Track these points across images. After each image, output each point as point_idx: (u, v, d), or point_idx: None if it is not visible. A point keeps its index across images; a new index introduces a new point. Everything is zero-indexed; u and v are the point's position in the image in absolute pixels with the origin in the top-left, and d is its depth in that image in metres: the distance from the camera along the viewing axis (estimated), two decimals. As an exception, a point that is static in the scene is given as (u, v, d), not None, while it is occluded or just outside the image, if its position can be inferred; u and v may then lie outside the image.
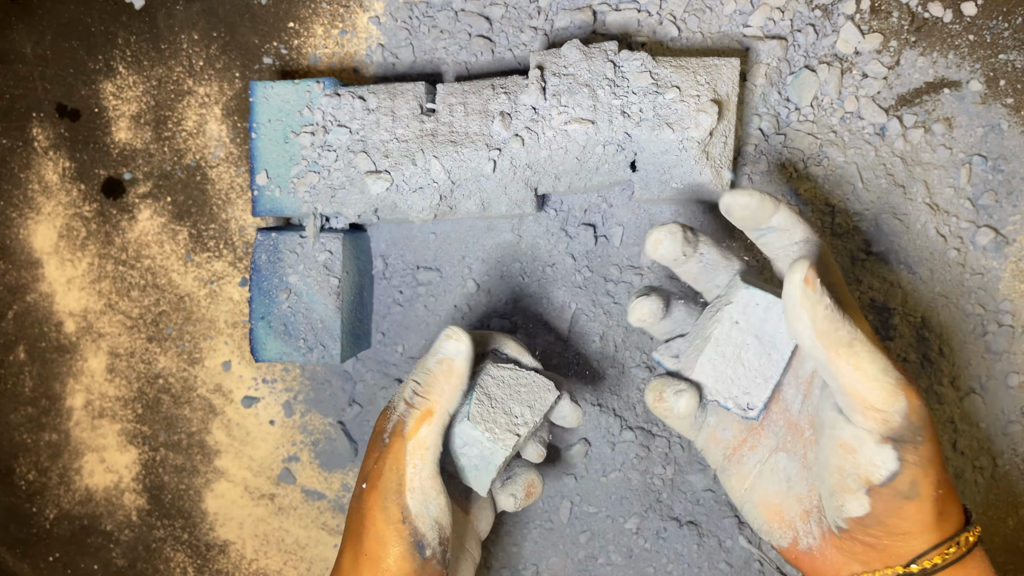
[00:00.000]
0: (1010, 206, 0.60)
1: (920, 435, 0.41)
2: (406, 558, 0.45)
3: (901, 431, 0.41)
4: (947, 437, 0.61)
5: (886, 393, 0.40)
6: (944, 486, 0.42)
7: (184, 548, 0.70)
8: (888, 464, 0.41)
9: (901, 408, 0.40)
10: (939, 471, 0.42)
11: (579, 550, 0.64)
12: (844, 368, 0.41)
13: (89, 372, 0.70)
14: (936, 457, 0.41)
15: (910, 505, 0.41)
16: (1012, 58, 0.60)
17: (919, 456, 0.41)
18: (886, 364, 0.41)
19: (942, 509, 0.42)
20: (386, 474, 0.46)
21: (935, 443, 0.42)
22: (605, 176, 0.56)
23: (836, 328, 0.41)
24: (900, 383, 0.41)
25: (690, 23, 0.60)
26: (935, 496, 0.41)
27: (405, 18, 0.64)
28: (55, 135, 0.68)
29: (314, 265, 0.59)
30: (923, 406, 0.41)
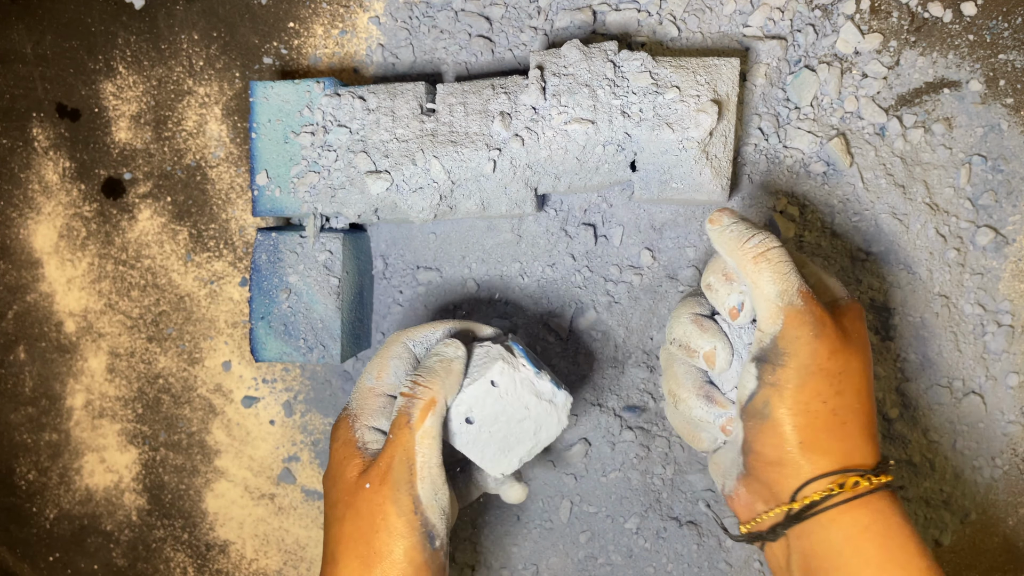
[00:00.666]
0: (1010, 206, 0.60)
1: (783, 358, 0.42)
2: (417, 549, 0.45)
3: (767, 352, 0.43)
4: (947, 437, 0.61)
5: (769, 313, 0.43)
6: (818, 420, 0.42)
7: (184, 548, 0.70)
8: (749, 383, 0.43)
9: (774, 331, 0.43)
10: (804, 401, 0.42)
11: (579, 550, 0.64)
12: (749, 280, 0.44)
13: (89, 372, 0.70)
14: (799, 385, 0.42)
15: (765, 426, 0.43)
16: (1012, 58, 0.60)
17: (776, 377, 0.42)
18: (786, 287, 0.43)
19: (808, 440, 0.42)
20: (396, 466, 0.46)
21: (806, 373, 0.42)
22: (605, 176, 0.56)
23: (742, 243, 0.44)
24: (790, 308, 0.42)
25: (690, 23, 0.60)
26: (793, 423, 0.42)
27: (405, 18, 0.64)
28: (55, 135, 0.68)
29: (314, 265, 0.59)
30: (801, 337, 0.42)
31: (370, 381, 0.50)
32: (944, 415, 0.60)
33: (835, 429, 0.42)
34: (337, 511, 0.47)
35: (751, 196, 0.60)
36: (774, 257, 0.44)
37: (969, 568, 0.61)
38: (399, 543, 0.45)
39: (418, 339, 0.51)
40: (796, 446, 0.42)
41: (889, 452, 0.61)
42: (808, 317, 0.42)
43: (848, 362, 0.43)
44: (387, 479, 0.46)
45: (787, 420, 0.42)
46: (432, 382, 0.47)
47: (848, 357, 0.43)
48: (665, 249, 0.61)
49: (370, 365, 0.51)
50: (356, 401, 0.50)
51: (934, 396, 0.60)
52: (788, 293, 0.43)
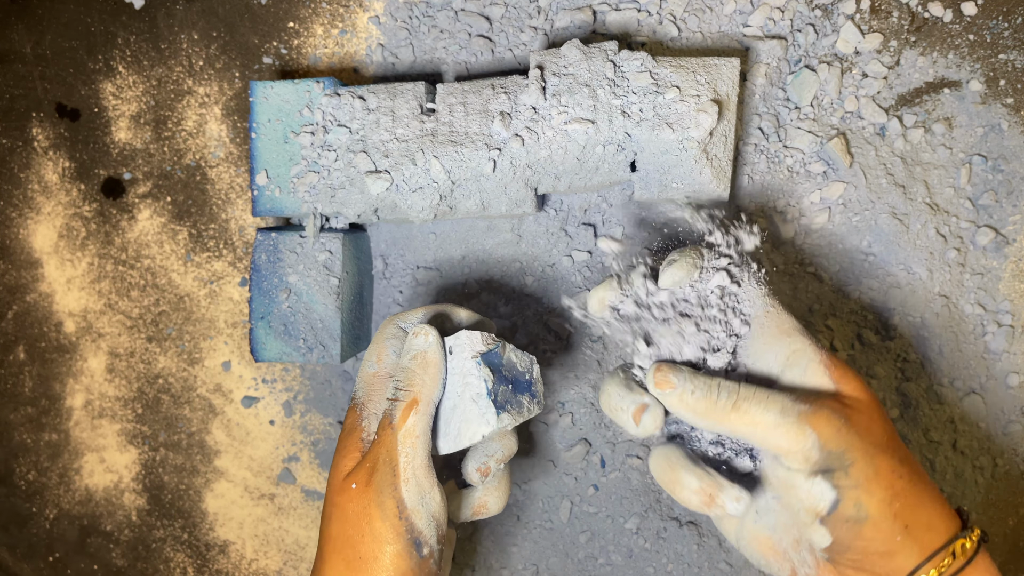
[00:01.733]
0: (1010, 206, 0.60)
1: (846, 458, 0.41)
2: (403, 556, 0.44)
3: (824, 461, 0.41)
4: (947, 437, 0.61)
5: (792, 435, 0.41)
6: (905, 497, 0.41)
7: (184, 548, 0.70)
8: (826, 495, 0.41)
9: (812, 442, 0.41)
10: (887, 485, 0.41)
11: (579, 550, 0.64)
12: (744, 430, 0.42)
13: (89, 372, 0.70)
14: (877, 472, 0.41)
15: (866, 527, 0.41)
16: (1012, 58, 0.60)
17: (853, 479, 0.41)
18: (782, 405, 0.41)
19: (910, 522, 0.41)
20: (379, 468, 0.45)
21: (871, 458, 0.41)
22: (605, 176, 0.56)
23: (713, 402, 0.42)
24: (803, 416, 0.41)
25: (690, 23, 0.60)
26: (891, 512, 0.41)
27: (405, 18, 0.64)
28: (55, 135, 0.68)
29: (314, 265, 0.59)
30: (838, 429, 0.41)
31: (372, 367, 0.50)
32: (944, 415, 0.60)
33: (924, 499, 0.42)
34: (326, 510, 0.47)
35: (751, 196, 0.60)
36: (747, 394, 0.42)
37: (969, 568, 0.61)
38: (384, 549, 0.44)
39: (409, 321, 0.51)
40: (903, 533, 0.41)
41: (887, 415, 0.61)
42: (825, 411, 0.41)
43: (883, 418, 0.42)
44: (371, 481, 0.45)
45: (885, 513, 0.40)
46: (411, 382, 0.46)
47: (875, 413, 0.42)
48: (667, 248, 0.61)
49: (368, 352, 0.51)
50: (361, 389, 0.50)
51: (934, 396, 0.60)
52: (787, 408, 0.41)
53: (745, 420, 0.42)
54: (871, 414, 0.43)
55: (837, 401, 0.43)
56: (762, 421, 0.42)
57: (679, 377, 0.44)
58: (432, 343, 0.47)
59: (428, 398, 0.46)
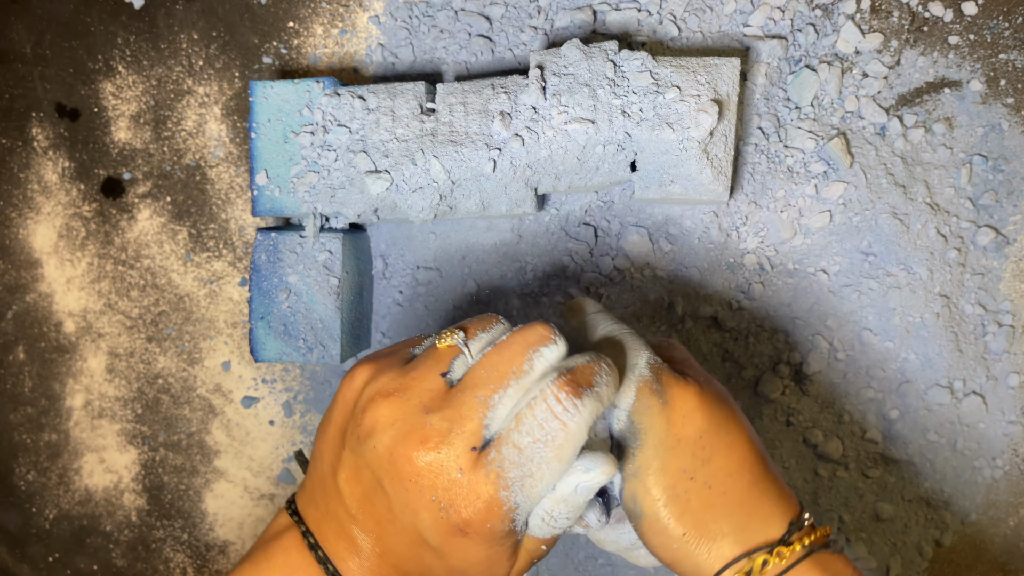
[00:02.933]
0: (1010, 206, 0.60)
1: (640, 437, 0.38)
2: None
3: (625, 433, 0.39)
4: (947, 437, 0.61)
5: (622, 390, 0.39)
6: (685, 500, 0.37)
7: (184, 548, 0.70)
8: (616, 479, 0.39)
9: (627, 406, 0.39)
10: (668, 482, 0.37)
11: (579, 550, 0.64)
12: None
13: (88, 372, 0.70)
14: (661, 465, 0.37)
15: (643, 525, 0.38)
16: (1012, 58, 0.60)
17: (636, 465, 0.38)
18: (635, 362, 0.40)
19: (691, 528, 0.37)
20: None
21: (661, 448, 0.37)
22: (605, 176, 0.56)
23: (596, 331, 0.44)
24: (640, 381, 0.39)
25: (690, 23, 0.60)
26: (667, 513, 0.37)
27: (405, 18, 0.64)
28: (54, 135, 0.68)
29: (314, 265, 0.59)
30: (655, 406, 0.38)
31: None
32: (944, 415, 0.60)
33: (716, 504, 0.37)
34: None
35: (750, 196, 0.60)
36: (626, 340, 0.41)
37: (969, 569, 0.61)
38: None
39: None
40: (680, 540, 0.37)
41: (889, 452, 0.61)
42: (655, 386, 0.38)
43: (709, 418, 0.38)
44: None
45: (660, 513, 0.37)
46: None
47: (706, 413, 0.38)
48: (666, 249, 0.61)
49: None
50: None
51: (934, 396, 0.60)
52: (638, 367, 0.39)
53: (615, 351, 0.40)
54: (700, 403, 0.39)
55: (672, 377, 0.40)
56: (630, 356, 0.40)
57: (592, 306, 0.45)
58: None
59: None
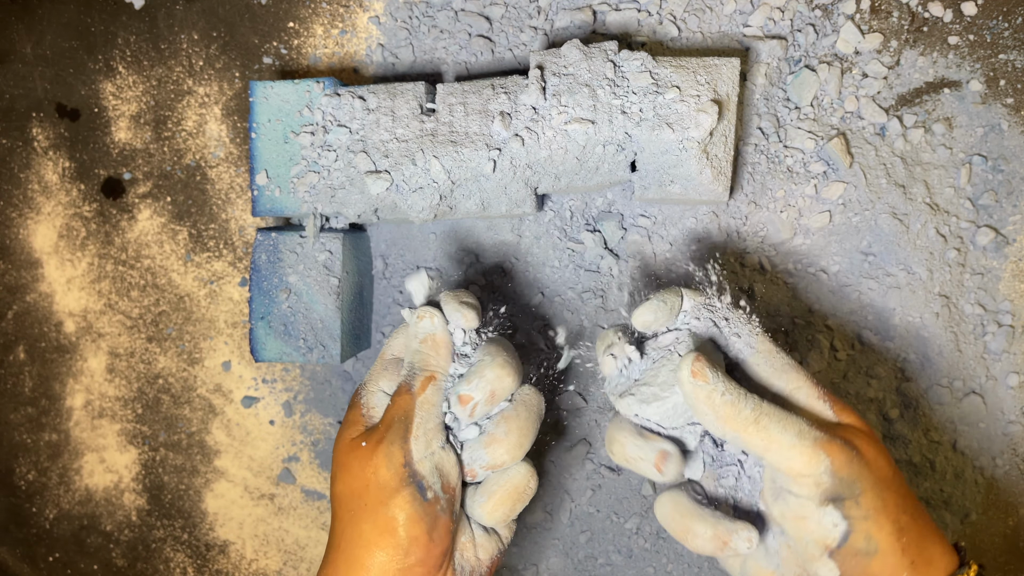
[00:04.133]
0: (1010, 206, 0.60)
1: (856, 487, 0.41)
2: (407, 501, 0.45)
3: (835, 489, 0.41)
4: (947, 437, 0.61)
5: (806, 457, 0.41)
6: (911, 531, 0.41)
7: (184, 548, 0.70)
8: (838, 526, 0.41)
9: (825, 467, 0.41)
10: (895, 518, 0.41)
11: (579, 550, 0.64)
12: (759, 445, 0.42)
13: (89, 372, 0.70)
14: (886, 505, 0.41)
15: (875, 561, 0.41)
16: (1012, 58, 0.60)
17: (863, 510, 0.41)
18: (799, 427, 0.41)
19: (915, 557, 0.41)
20: (393, 426, 0.47)
21: (880, 490, 0.41)
22: (605, 176, 0.56)
23: (738, 411, 0.42)
24: (819, 441, 0.41)
25: (690, 23, 0.60)
26: (899, 546, 0.41)
27: (405, 18, 0.64)
28: (55, 135, 0.68)
29: (314, 265, 0.59)
30: (850, 458, 0.41)
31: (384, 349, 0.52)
32: (944, 415, 0.60)
33: (925, 534, 0.42)
34: (334, 472, 0.49)
35: (750, 196, 0.60)
36: (769, 411, 0.42)
37: (969, 568, 0.61)
38: (389, 494, 0.45)
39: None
40: (909, 568, 0.41)
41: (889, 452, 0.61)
42: (839, 440, 0.41)
43: (887, 458, 0.42)
44: (383, 438, 0.47)
45: (894, 547, 0.41)
46: (426, 362, 0.48)
47: (880, 452, 0.43)
48: (665, 249, 0.61)
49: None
50: (370, 371, 0.52)
51: (934, 396, 0.60)
52: (804, 431, 0.42)
53: (763, 436, 0.42)
54: (875, 447, 0.43)
55: (846, 431, 0.43)
56: (779, 440, 0.41)
57: (714, 374, 0.43)
58: (438, 326, 0.49)
59: (442, 375, 0.49)
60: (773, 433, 0.42)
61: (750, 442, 0.42)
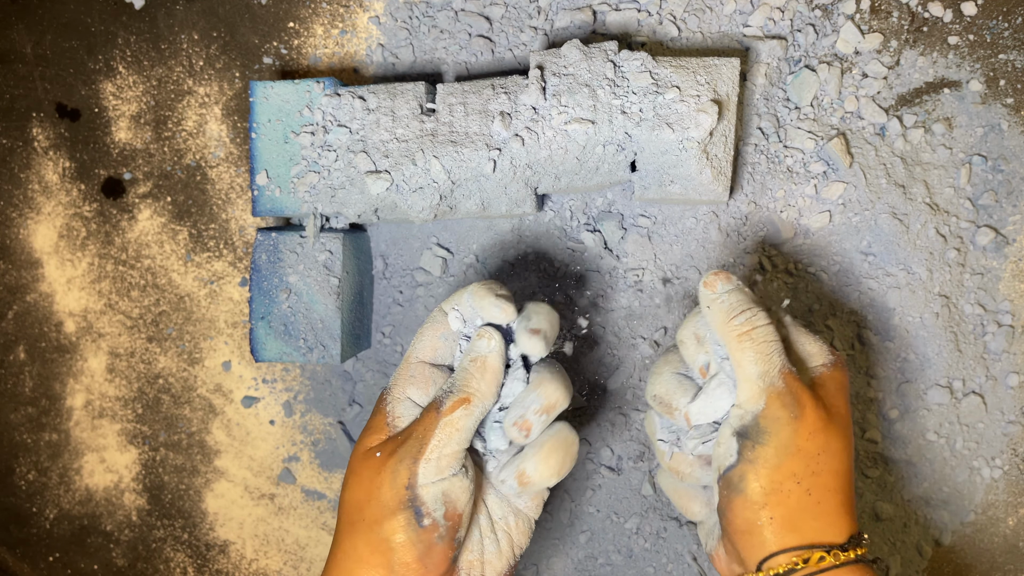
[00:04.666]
0: (1010, 206, 0.60)
1: (763, 437, 0.44)
2: (402, 525, 0.44)
3: (748, 428, 0.44)
4: (947, 437, 0.61)
5: (751, 393, 0.44)
6: (786, 497, 0.43)
7: (184, 548, 0.70)
8: (729, 455, 0.45)
9: (756, 409, 0.44)
10: (778, 479, 0.43)
11: (579, 550, 0.64)
12: (733, 357, 0.45)
13: (89, 372, 0.70)
14: (778, 467, 0.43)
15: (737, 499, 0.44)
16: (1012, 58, 0.60)
17: (755, 455, 0.44)
18: (767, 369, 0.44)
19: (778, 516, 0.43)
20: (409, 442, 0.45)
21: (784, 454, 0.43)
22: (605, 176, 0.56)
23: (730, 318, 0.45)
24: (771, 390, 0.44)
25: (690, 23, 0.60)
26: (765, 500, 0.43)
27: (405, 18, 0.64)
28: (55, 135, 0.68)
29: (314, 265, 0.59)
30: (781, 418, 0.44)
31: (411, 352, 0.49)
32: (944, 415, 0.60)
33: (808, 508, 0.44)
34: (345, 477, 0.48)
35: (750, 196, 0.60)
36: (759, 336, 0.45)
37: (969, 568, 0.61)
38: (384, 514, 0.44)
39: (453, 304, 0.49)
40: (766, 521, 0.44)
41: (889, 452, 0.61)
42: (789, 399, 0.44)
43: (828, 442, 0.44)
44: (394, 452, 0.45)
45: (759, 497, 0.44)
46: (467, 383, 0.46)
47: (828, 437, 0.44)
48: (665, 249, 0.61)
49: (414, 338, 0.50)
50: (396, 373, 0.49)
51: (934, 396, 0.60)
52: (770, 374, 0.44)
53: (737, 354, 0.45)
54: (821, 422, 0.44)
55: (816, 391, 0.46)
56: (745, 368, 0.45)
57: (726, 283, 0.47)
58: (494, 349, 0.46)
59: (481, 400, 0.46)
60: (745, 358, 0.45)
61: (730, 352, 0.45)
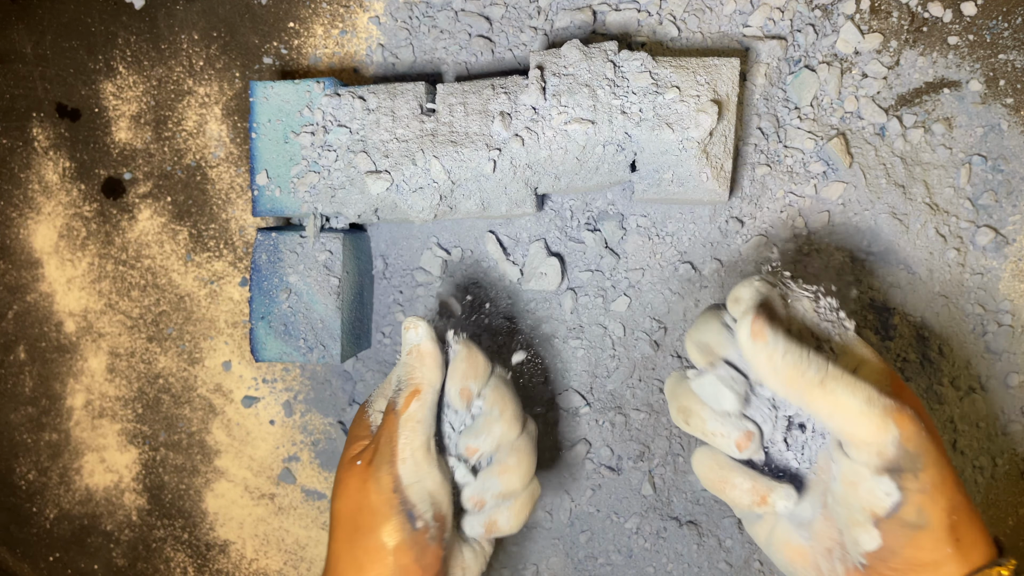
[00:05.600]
0: (1010, 206, 0.60)
1: (919, 461, 0.40)
2: (397, 529, 0.45)
3: (898, 460, 0.40)
4: (947, 437, 0.61)
5: (874, 425, 0.40)
6: (961, 512, 0.41)
7: (184, 548, 0.70)
8: (892, 495, 0.40)
9: (893, 438, 0.40)
10: (950, 496, 0.40)
11: (579, 550, 0.64)
12: (824, 408, 0.40)
13: (89, 372, 0.70)
14: (944, 482, 0.40)
15: (922, 535, 0.40)
16: (1012, 58, 0.60)
17: (921, 483, 0.40)
18: (869, 394, 0.40)
19: (961, 537, 0.40)
20: (381, 448, 0.47)
21: (940, 467, 0.40)
22: (605, 176, 0.56)
23: (802, 372, 0.40)
24: (889, 410, 0.40)
25: (690, 23, 0.60)
26: (948, 523, 0.40)
27: (405, 18, 0.64)
28: (55, 135, 0.68)
29: (314, 265, 0.59)
30: (919, 431, 0.40)
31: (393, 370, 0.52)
32: (944, 415, 0.60)
33: (972, 518, 0.41)
34: (334, 488, 0.49)
35: (750, 196, 0.60)
36: (835, 374, 0.41)
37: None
38: (379, 521, 0.46)
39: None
40: (954, 546, 0.40)
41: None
42: (907, 407, 0.40)
43: (935, 441, 0.41)
44: (373, 459, 0.47)
45: (943, 523, 0.40)
46: (411, 375, 0.48)
47: (935, 429, 0.42)
48: (665, 249, 0.61)
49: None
50: (373, 393, 0.53)
51: (934, 396, 0.60)
52: (873, 398, 0.40)
53: (828, 400, 0.40)
54: (933, 427, 0.42)
55: (904, 389, 0.42)
56: (846, 405, 0.40)
57: (774, 334, 0.41)
58: (423, 335, 0.48)
59: (430, 386, 0.48)
60: (839, 397, 0.40)
61: (814, 406, 0.40)
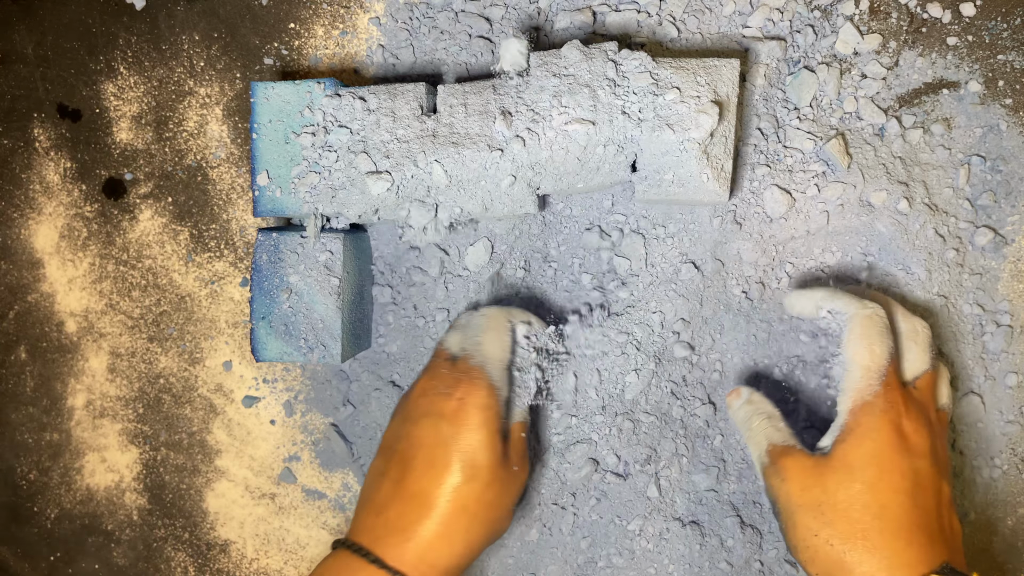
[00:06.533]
0: (1008, 206, 0.60)
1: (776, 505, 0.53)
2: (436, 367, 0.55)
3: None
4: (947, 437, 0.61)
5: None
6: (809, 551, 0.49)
7: (185, 548, 0.70)
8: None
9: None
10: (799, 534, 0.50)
11: (579, 555, 0.64)
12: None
13: (90, 372, 0.70)
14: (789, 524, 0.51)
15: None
16: (1011, 59, 0.60)
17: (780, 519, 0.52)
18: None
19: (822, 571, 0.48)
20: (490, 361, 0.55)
21: (783, 512, 0.51)
22: (606, 176, 0.56)
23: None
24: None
25: (689, 24, 0.61)
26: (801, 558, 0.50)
27: (405, 19, 0.64)
28: (56, 135, 0.69)
29: (315, 265, 0.59)
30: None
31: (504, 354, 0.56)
32: (943, 415, 0.61)
33: (845, 560, 0.47)
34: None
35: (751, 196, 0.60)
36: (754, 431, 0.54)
37: (969, 568, 0.61)
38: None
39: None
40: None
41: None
42: (771, 468, 0.52)
43: (825, 493, 0.49)
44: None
45: (798, 557, 0.51)
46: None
47: (824, 489, 0.49)
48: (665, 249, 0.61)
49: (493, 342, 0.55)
50: (497, 374, 0.54)
51: (933, 396, 0.60)
52: (760, 456, 0.53)
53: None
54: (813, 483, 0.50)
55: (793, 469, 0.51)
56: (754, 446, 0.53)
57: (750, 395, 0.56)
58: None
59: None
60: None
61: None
